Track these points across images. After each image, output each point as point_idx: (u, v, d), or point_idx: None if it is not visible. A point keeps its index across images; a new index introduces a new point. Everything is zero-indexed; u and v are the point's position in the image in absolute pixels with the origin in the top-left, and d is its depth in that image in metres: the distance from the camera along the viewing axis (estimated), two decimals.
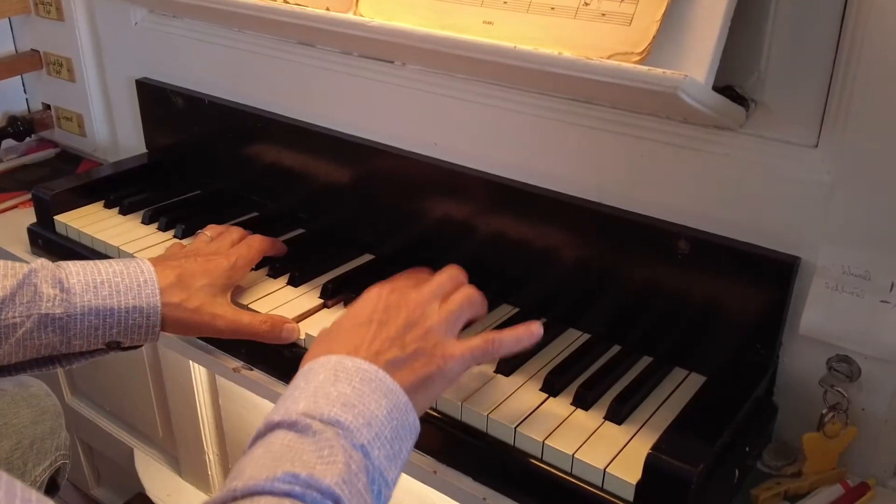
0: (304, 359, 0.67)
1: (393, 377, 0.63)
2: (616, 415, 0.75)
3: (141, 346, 0.82)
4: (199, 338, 0.92)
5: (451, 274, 0.76)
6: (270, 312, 0.90)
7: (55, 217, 1.12)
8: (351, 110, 1.02)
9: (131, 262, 0.81)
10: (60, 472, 1.08)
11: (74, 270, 0.78)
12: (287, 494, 0.53)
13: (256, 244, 0.95)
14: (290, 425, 0.58)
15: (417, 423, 0.64)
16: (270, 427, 0.59)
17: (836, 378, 0.76)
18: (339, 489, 0.54)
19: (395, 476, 0.61)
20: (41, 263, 0.78)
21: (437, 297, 0.72)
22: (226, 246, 0.94)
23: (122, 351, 0.82)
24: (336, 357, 0.64)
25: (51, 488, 1.08)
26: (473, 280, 0.96)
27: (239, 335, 0.85)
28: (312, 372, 0.63)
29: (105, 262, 0.80)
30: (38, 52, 1.43)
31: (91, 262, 0.80)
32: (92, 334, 0.78)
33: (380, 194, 1.02)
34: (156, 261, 0.84)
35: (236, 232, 0.98)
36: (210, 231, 0.98)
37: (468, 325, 0.79)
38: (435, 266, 0.99)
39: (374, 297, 0.72)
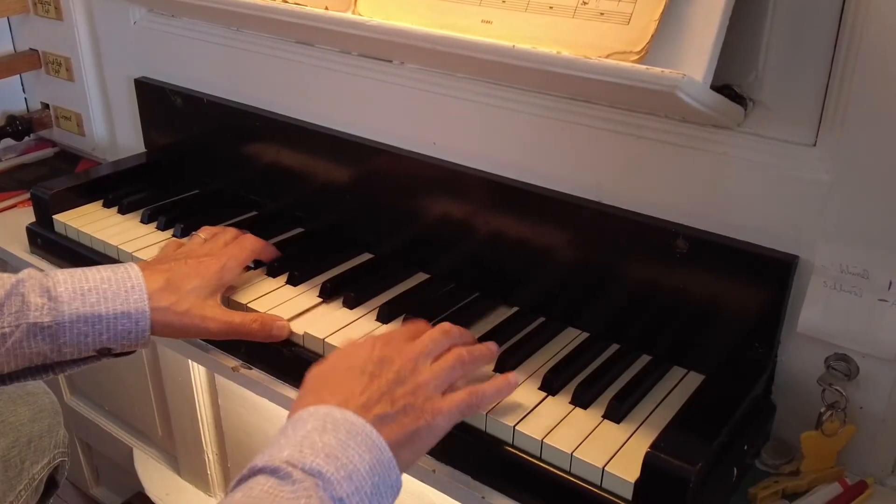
0: (295, 405, 0.68)
1: (380, 432, 0.64)
2: (615, 413, 0.75)
3: (132, 352, 0.83)
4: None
5: (446, 330, 0.77)
6: (270, 311, 0.90)
7: (54, 216, 1.12)
8: (350, 109, 1.02)
9: (119, 267, 0.81)
10: (59, 469, 1.08)
11: (62, 279, 0.78)
12: None
13: (248, 244, 0.95)
14: (273, 472, 0.59)
15: (400, 480, 0.65)
16: (253, 472, 0.60)
17: (834, 377, 0.76)
18: None
19: None
20: (28, 273, 0.79)
21: (430, 355, 0.73)
22: (218, 247, 0.93)
23: (114, 357, 0.82)
24: (326, 408, 0.65)
25: (50, 486, 1.08)
26: (474, 277, 0.97)
27: (230, 335, 0.85)
28: (301, 421, 0.64)
29: (93, 268, 0.81)
30: (36, 51, 1.42)
31: (79, 270, 0.80)
32: (82, 342, 0.78)
33: (379, 193, 1.02)
34: (145, 265, 0.84)
35: (229, 233, 0.97)
36: (204, 233, 0.97)
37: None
38: (434, 266, 1.00)
39: (369, 347, 0.73)
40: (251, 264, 0.99)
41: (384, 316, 0.90)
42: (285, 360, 0.87)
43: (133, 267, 0.82)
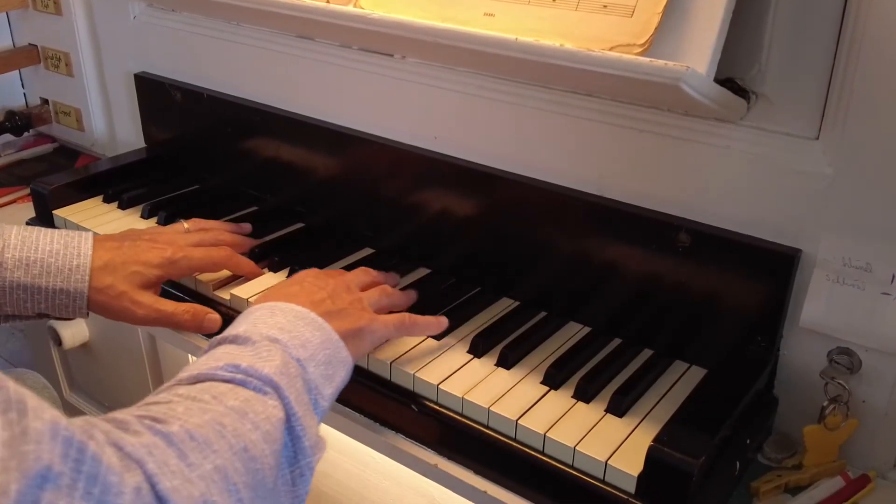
0: None
1: (325, 320, 0.69)
2: (617, 407, 0.75)
3: (71, 319, 0.85)
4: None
5: (366, 269, 0.88)
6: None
7: (54, 211, 1.12)
8: (350, 104, 1.02)
9: (72, 240, 0.81)
10: None
11: (13, 243, 0.78)
12: (229, 381, 0.58)
13: (217, 254, 0.91)
14: (232, 339, 0.64)
15: (350, 359, 0.70)
16: (213, 344, 0.65)
17: (836, 370, 0.76)
18: (277, 378, 0.59)
19: (330, 394, 0.66)
20: None
21: (358, 284, 0.82)
22: (185, 240, 0.91)
23: (54, 319, 0.84)
24: (271, 302, 0.70)
25: None
26: (473, 274, 0.96)
27: (159, 324, 0.84)
28: (249, 312, 0.69)
29: (48, 234, 0.80)
30: (35, 46, 1.42)
31: (35, 233, 0.80)
32: (20, 305, 0.79)
33: (379, 188, 1.02)
34: (99, 239, 0.83)
35: (213, 234, 0.95)
36: (189, 223, 0.96)
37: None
38: (435, 260, 1.00)
39: (302, 273, 0.81)
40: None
41: None
42: None
43: (86, 241, 0.81)
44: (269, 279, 0.95)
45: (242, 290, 0.93)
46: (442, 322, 0.85)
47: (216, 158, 1.20)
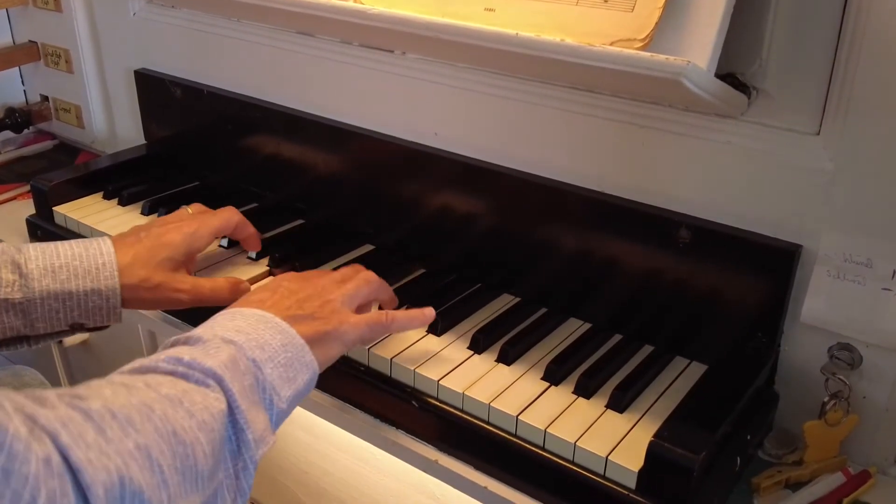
0: None
1: (290, 325, 0.68)
2: (618, 403, 0.75)
3: (107, 326, 0.82)
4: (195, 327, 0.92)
5: (356, 266, 0.84)
6: None
7: (54, 208, 1.12)
8: (351, 100, 1.02)
9: (92, 243, 0.81)
10: None
11: (34, 255, 0.78)
12: (171, 373, 0.58)
13: (224, 213, 0.93)
14: (185, 341, 0.63)
15: (315, 364, 0.69)
16: (167, 344, 0.64)
17: (837, 366, 0.76)
18: (220, 370, 0.58)
19: (290, 396, 0.65)
20: (1, 248, 0.79)
21: (337, 281, 0.79)
22: (192, 213, 0.92)
23: (88, 332, 0.83)
24: (235, 308, 0.70)
25: None
26: (474, 270, 0.96)
27: (202, 303, 0.86)
28: (211, 318, 0.68)
29: (66, 243, 0.80)
30: (35, 43, 1.42)
31: (52, 245, 0.80)
32: (53, 317, 0.78)
33: (380, 185, 1.02)
34: (117, 238, 0.84)
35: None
36: (193, 208, 0.96)
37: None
38: (436, 257, 1.00)
39: (279, 277, 0.79)
40: (223, 243, 1.01)
41: None
42: None
43: (105, 242, 0.82)
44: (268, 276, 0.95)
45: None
46: (427, 314, 0.82)
47: (216, 155, 1.20)
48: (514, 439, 0.73)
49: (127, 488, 0.48)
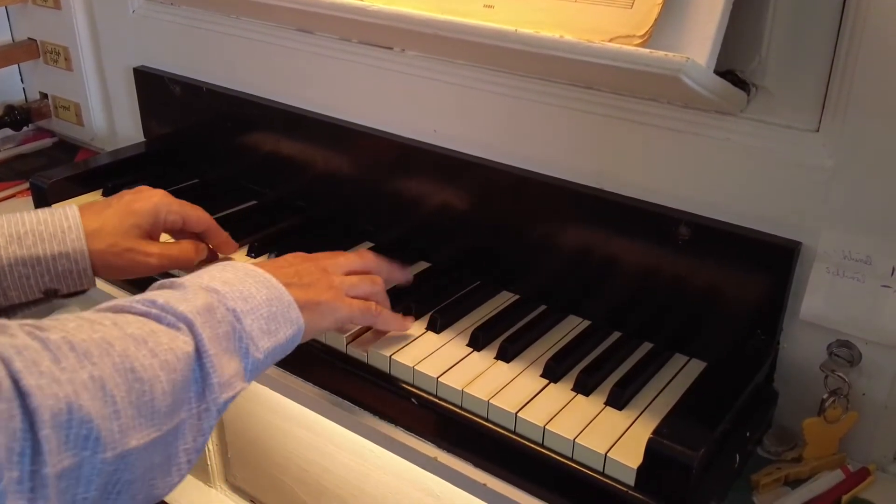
0: None
1: (282, 285, 0.70)
2: (617, 400, 0.75)
3: (83, 291, 0.82)
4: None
5: (363, 254, 0.86)
6: None
7: (53, 206, 1.11)
8: (350, 97, 1.02)
9: (57, 209, 0.81)
10: None
11: None
12: (144, 314, 0.59)
13: (199, 210, 0.92)
14: (169, 285, 0.64)
15: (302, 321, 0.70)
16: (152, 287, 0.65)
17: (836, 363, 0.76)
18: (192, 316, 0.59)
19: (269, 348, 0.66)
20: None
21: (341, 267, 0.80)
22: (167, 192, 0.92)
23: (64, 298, 0.82)
24: (231, 261, 0.71)
25: None
26: (473, 267, 0.96)
27: (172, 267, 0.87)
28: (205, 268, 0.70)
29: (32, 212, 0.80)
30: (34, 40, 1.42)
31: (17, 214, 0.80)
32: (25, 284, 0.78)
33: (379, 182, 1.02)
34: (84, 206, 0.83)
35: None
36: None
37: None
38: (435, 254, 1.00)
39: (287, 255, 0.80)
40: None
41: None
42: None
43: (71, 207, 0.81)
44: None
45: None
46: (406, 324, 0.84)
47: (216, 152, 1.20)
48: (513, 436, 0.73)
49: (74, 415, 0.49)
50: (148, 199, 0.87)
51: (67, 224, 0.79)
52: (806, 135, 0.73)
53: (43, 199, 1.12)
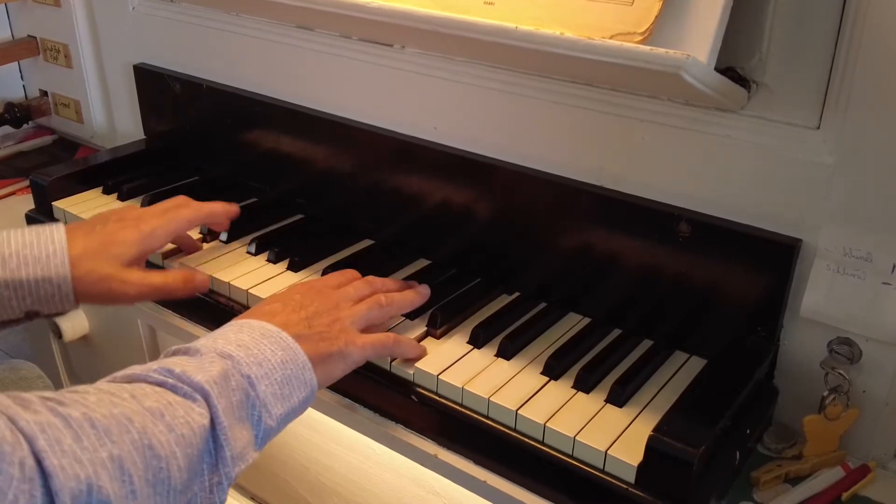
0: None
1: (296, 342, 0.69)
2: (617, 398, 0.75)
3: (62, 313, 0.82)
4: (196, 321, 0.92)
5: (369, 280, 0.85)
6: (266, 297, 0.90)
7: (53, 203, 1.12)
8: (350, 95, 1.02)
9: (44, 230, 0.80)
10: None
11: None
12: (160, 384, 0.59)
13: (187, 213, 0.90)
14: (184, 351, 0.64)
15: (315, 382, 0.70)
16: (167, 353, 0.65)
17: (837, 360, 0.76)
18: (208, 386, 0.59)
19: (282, 414, 0.66)
20: None
21: (351, 299, 0.80)
22: (155, 212, 0.90)
23: (46, 318, 0.82)
24: (245, 319, 0.71)
25: None
26: (473, 265, 0.96)
27: (153, 297, 0.85)
28: (219, 328, 0.70)
29: (19, 231, 0.79)
30: (34, 38, 1.42)
31: (5, 233, 0.79)
32: (7, 305, 0.78)
33: (379, 179, 1.01)
34: (70, 227, 0.82)
35: (177, 199, 0.94)
36: (174, 201, 0.93)
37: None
38: (435, 251, 1.00)
39: (294, 289, 0.79)
40: (223, 237, 1.01)
41: None
42: None
43: (58, 229, 0.80)
44: (286, 278, 0.95)
45: (242, 282, 0.93)
46: (422, 350, 0.81)
47: (216, 150, 1.20)
48: (514, 434, 0.73)
49: (94, 496, 0.50)
50: (134, 228, 0.85)
51: (52, 248, 0.78)
52: (806, 132, 0.72)
53: (43, 197, 1.12)
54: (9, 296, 0.77)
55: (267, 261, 0.98)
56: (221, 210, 0.96)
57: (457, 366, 0.79)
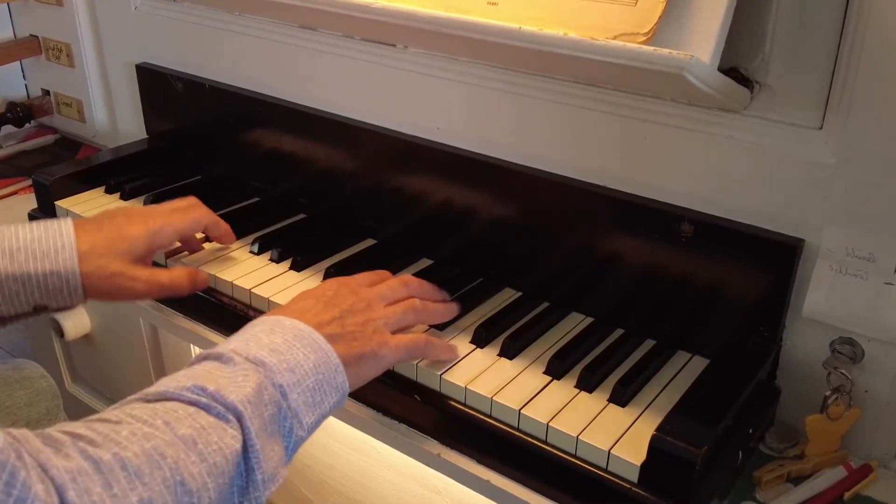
0: None
1: (329, 342, 0.68)
2: (620, 397, 0.75)
3: (71, 307, 0.82)
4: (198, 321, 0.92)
5: (405, 280, 0.83)
6: (273, 297, 0.90)
7: (56, 202, 1.12)
8: (353, 94, 1.02)
9: (52, 224, 0.80)
10: None
11: None
12: (193, 403, 0.58)
13: (196, 214, 0.91)
14: (217, 357, 0.63)
15: (346, 385, 0.69)
16: (199, 358, 0.64)
17: (839, 360, 0.76)
18: (241, 406, 0.58)
19: (312, 422, 0.65)
20: None
21: (385, 299, 0.79)
22: (164, 210, 0.90)
23: (53, 312, 0.82)
24: (277, 317, 0.70)
25: None
26: (476, 265, 0.96)
27: (160, 295, 0.86)
28: (252, 325, 0.69)
29: (27, 225, 0.80)
30: (36, 37, 1.42)
31: (14, 227, 0.79)
32: (15, 299, 0.78)
33: (382, 179, 1.02)
34: (79, 223, 0.82)
35: (187, 200, 0.94)
36: (184, 201, 0.93)
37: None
38: (438, 251, 1.00)
39: (326, 285, 0.78)
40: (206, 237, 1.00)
41: None
42: None
43: (66, 223, 0.81)
44: (288, 278, 0.95)
45: (244, 282, 0.93)
46: (455, 352, 0.81)
47: (218, 149, 1.20)
48: (517, 433, 0.74)
49: None
50: (142, 223, 0.85)
51: (61, 242, 0.79)
52: (809, 132, 0.73)
53: (45, 196, 1.13)
54: (17, 289, 0.77)
55: (269, 260, 0.98)
56: (226, 226, 0.96)
57: (459, 365, 0.80)
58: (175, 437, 0.55)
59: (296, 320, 0.69)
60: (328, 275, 0.94)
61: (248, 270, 0.96)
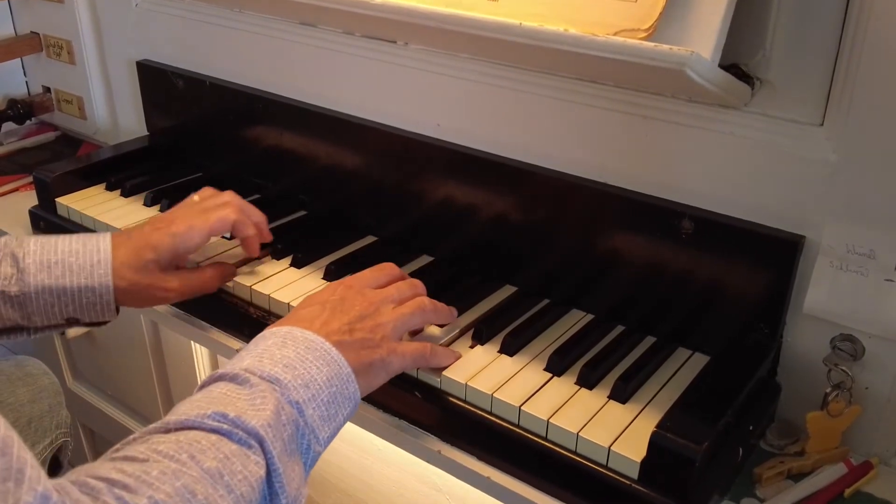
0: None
1: (339, 352, 0.68)
2: (620, 394, 0.75)
3: (103, 322, 0.83)
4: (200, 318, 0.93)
5: (412, 283, 0.82)
6: (274, 294, 0.90)
7: (57, 199, 1.12)
8: (353, 91, 1.02)
9: (90, 239, 0.81)
10: (63, 450, 1.08)
11: (32, 249, 0.79)
12: (215, 431, 0.58)
13: (225, 214, 0.88)
14: (232, 378, 0.63)
15: (358, 394, 0.69)
16: (213, 379, 0.64)
17: (839, 357, 0.76)
18: (263, 431, 0.59)
19: (328, 436, 0.66)
20: (4, 241, 0.80)
21: (393, 300, 0.77)
22: (194, 212, 0.89)
23: (85, 326, 0.84)
24: (287, 327, 0.69)
25: (54, 467, 1.08)
26: (476, 262, 0.96)
27: (194, 295, 0.88)
28: (263, 338, 0.69)
29: (66, 238, 0.81)
30: (37, 34, 1.42)
31: (52, 239, 0.80)
32: (49, 311, 0.79)
33: (382, 176, 1.02)
34: (116, 236, 0.83)
35: (225, 196, 0.92)
36: (198, 195, 0.93)
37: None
38: (438, 248, 1.00)
39: (333, 288, 0.77)
40: (227, 235, 0.98)
41: None
42: None
43: (104, 239, 0.82)
44: (289, 275, 0.95)
45: (245, 279, 0.93)
46: (457, 356, 0.81)
47: (218, 146, 1.20)
48: (517, 430, 0.74)
49: None
50: (165, 231, 0.85)
51: (98, 258, 0.80)
52: (810, 129, 0.72)
53: (46, 193, 1.13)
54: (52, 302, 0.79)
55: (270, 258, 0.98)
56: (254, 232, 0.92)
57: (460, 362, 0.80)
58: (202, 472, 0.55)
59: (306, 331, 0.68)
60: (328, 272, 0.94)
61: (248, 268, 0.95)
